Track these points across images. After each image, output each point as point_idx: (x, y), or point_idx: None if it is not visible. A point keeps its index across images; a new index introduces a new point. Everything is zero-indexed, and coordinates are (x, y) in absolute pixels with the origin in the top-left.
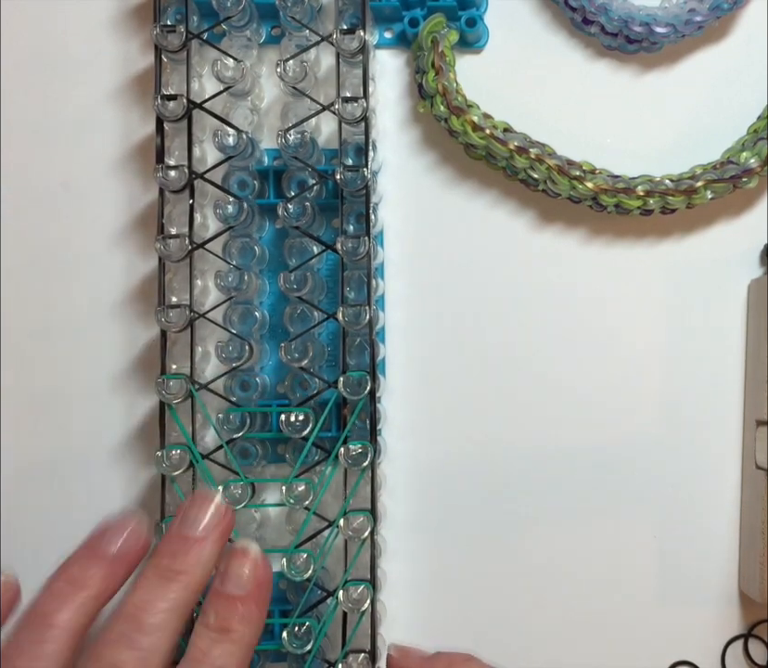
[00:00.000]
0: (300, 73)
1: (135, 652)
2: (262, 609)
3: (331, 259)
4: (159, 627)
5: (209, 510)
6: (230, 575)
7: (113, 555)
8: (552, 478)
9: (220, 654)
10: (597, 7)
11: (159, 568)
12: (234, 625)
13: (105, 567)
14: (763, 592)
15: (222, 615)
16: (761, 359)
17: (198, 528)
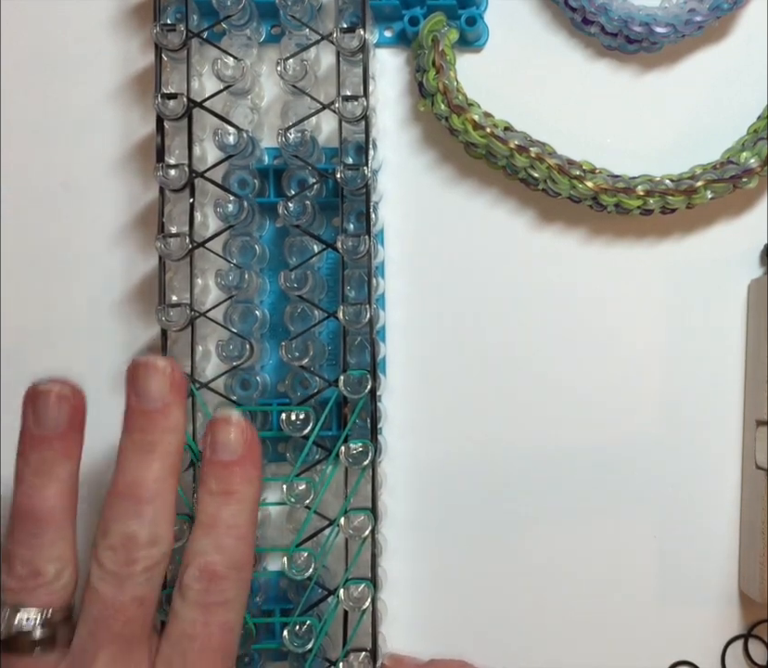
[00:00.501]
0: (301, 72)
1: (143, 521)
2: (258, 467)
3: (331, 258)
4: (156, 495)
5: (158, 378)
6: (219, 443)
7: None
8: (552, 477)
9: (230, 515)
10: (597, 7)
11: (134, 444)
12: (235, 487)
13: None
14: (763, 592)
15: (221, 480)
16: (761, 359)
17: (155, 398)
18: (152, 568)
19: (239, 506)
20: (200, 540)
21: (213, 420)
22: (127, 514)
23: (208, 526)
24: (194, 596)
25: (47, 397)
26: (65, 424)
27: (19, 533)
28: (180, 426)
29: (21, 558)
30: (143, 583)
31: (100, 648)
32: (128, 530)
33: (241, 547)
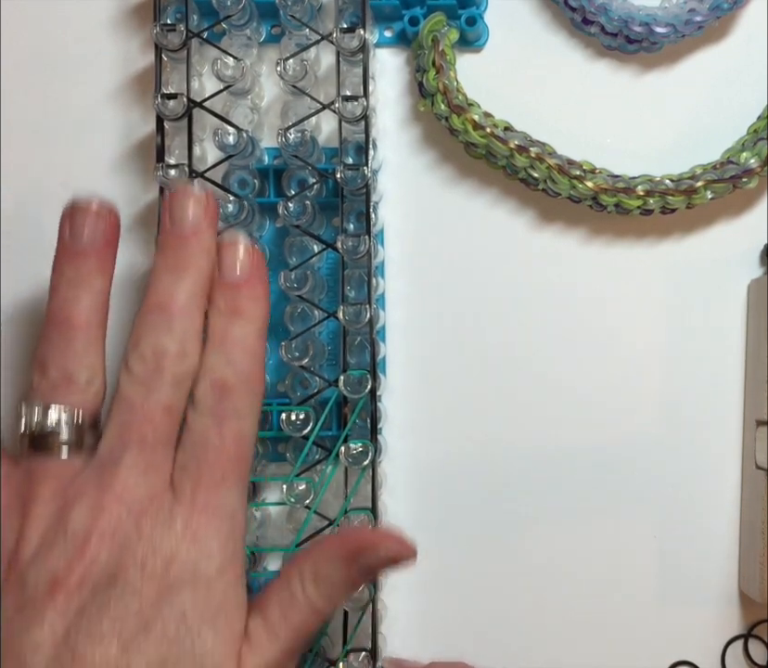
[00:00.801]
0: (301, 72)
1: (174, 334)
2: (266, 287)
3: (331, 258)
4: (186, 311)
5: (191, 204)
6: (227, 265)
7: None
8: (552, 477)
9: (239, 332)
10: (597, 7)
11: (167, 264)
12: (244, 305)
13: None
14: (763, 592)
15: (230, 299)
16: (761, 359)
17: (189, 224)
18: (180, 379)
19: (248, 323)
20: (210, 356)
21: (221, 243)
22: (158, 327)
23: (217, 343)
24: (206, 407)
25: (85, 213)
26: (101, 240)
27: (53, 339)
28: (212, 250)
29: (54, 362)
30: (170, 391)
31: (126, 451)
32: (158, 342)
33: (251, 362)
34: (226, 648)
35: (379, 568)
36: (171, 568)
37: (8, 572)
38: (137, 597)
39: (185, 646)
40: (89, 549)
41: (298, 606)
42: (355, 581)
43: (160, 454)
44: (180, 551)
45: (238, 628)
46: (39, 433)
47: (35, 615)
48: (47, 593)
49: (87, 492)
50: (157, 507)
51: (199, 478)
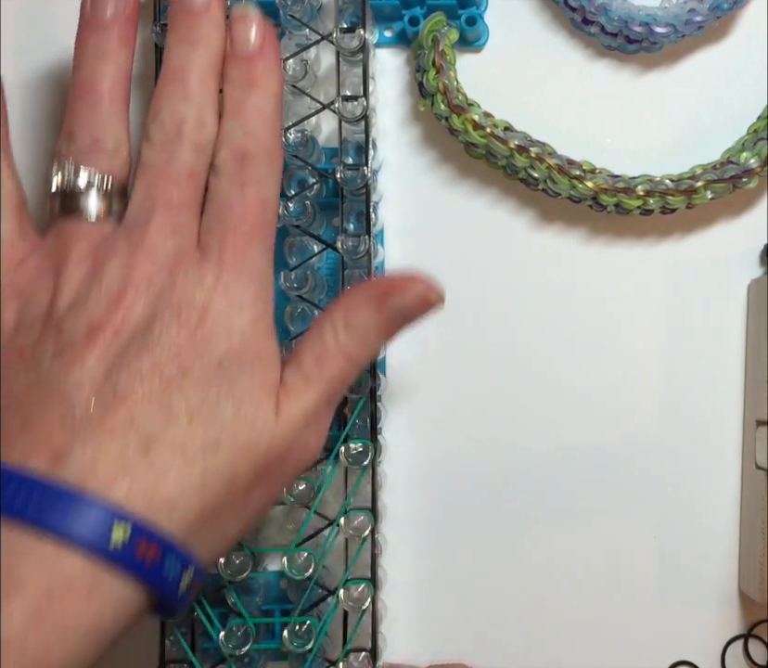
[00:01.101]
0: (300, 72)
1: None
2: (278, 59)
3: (331, 258)
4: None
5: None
6: (238, 39)
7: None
8: (552, 477)
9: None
10: (597, 7)
11: (179, 38)
12: (259, 76)
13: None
14: (763, 592)
15: (244, 70)
16: (761, 359)
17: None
18: (200, 146)
19: (264, 94)
20: (228, 126)
21: (232, 18)
22: (175, 97)
23: (235, 113)
24: (227, 174)
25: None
26: (123, 13)
27: (79, 109)
28: (222, 25)
29: (81, 130)
30: (192, 157)
31: (153, 213)
32: (176, 110)
33: (270, 132)
34: (263, 392)
35: (409, 311)
36: (205, 319)
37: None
38: (174, 342)
39: (223, 388)
40: (125, 299)
41: (331, 353)
42: (386, 327)
43: (185, 216)
44: (213, 303)
45: (274, 375)
46: (70, 193)
47: (74, 358)
48: (86, 338)
49: (119, 250)
50: (187, 264)
51: (225, 239)
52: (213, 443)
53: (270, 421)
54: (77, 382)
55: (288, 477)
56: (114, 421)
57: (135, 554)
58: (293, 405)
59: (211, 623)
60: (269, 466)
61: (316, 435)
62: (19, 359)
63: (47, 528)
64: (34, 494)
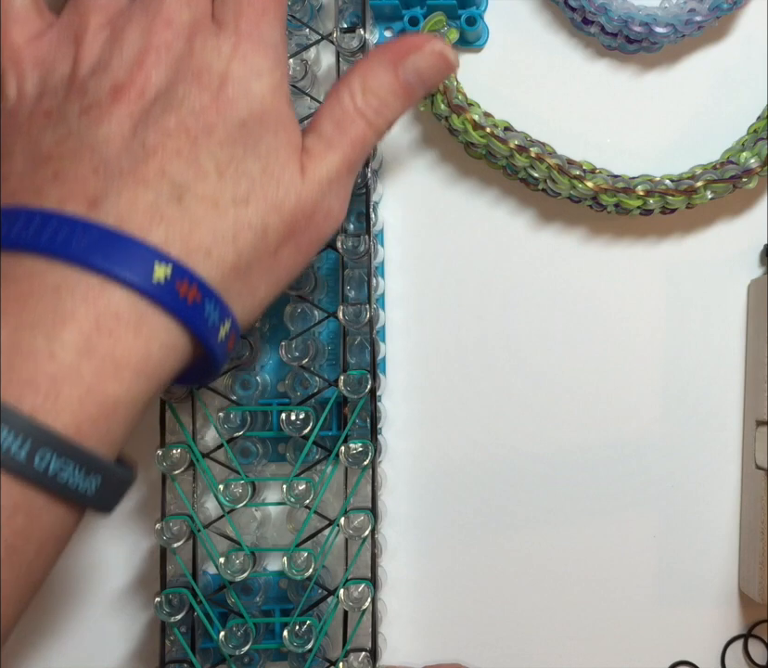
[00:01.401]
0: (301, 72)
1: None
2: None
3: (331, 258)
4: None
5: None
6: None
7: None
8: (552, 477)
9: None
10: (597, 7)
11: None
12: None
13: None
14: (763, 592)
15: None
16: (761, 359)
17: None
18: None
19: None
20: None
21: None
22: None
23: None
24: None
25: None
26: None
27: None
28: None
29: None
30: None
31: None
32: None
33: None
34: (288, 152)
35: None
36: (225, 83)
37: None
38: (197, 102)
39: (249, 145)
40: (146, 62)
41: (350, 117)
42: (404, 89)
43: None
44: (231, 70)
45: (296, 138)
46: None
47: (101, 115)
48: (111, 97)
49: (136, 20)
50: (204, 34)
51: (240, 9)
52: (243, 198)
53: (296, 180)
54: (106, 137)
55: (313, 239)
56: (146, 172)
57: (178, 292)
58: (317, 168)
59: (211, 623)
60: (296, 223)
61: (338, 200)
62: (46, 119)
63: (91, 265)
64: (76, 232)
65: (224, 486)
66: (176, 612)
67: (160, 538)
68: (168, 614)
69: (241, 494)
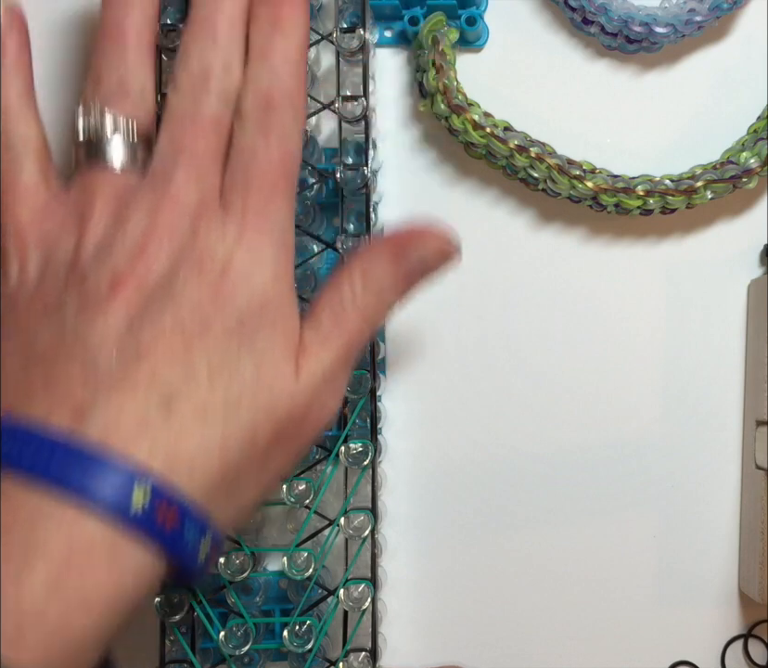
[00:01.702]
0: None
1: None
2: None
3: (332, 258)
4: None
5: None
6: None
7: None
8: (551, 477)
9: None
10: (597, 7)
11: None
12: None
13: None
14: (763, 592)
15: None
16: (761, 359)
17: None
18: (226, 93)
19: (290, 36)
20: (254, 69)
21: None
22: (203, 42)
23: (260, 55)
24: (252, 121)
25: None
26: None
27: (107, 51)
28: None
29: (108, 72)
30: (217, 105)
31: (178, 162)
32: (203, 56)
33: (295, 77)
34: (284, 351)
35: (427, 264)
36: (226, 273)
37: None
38: (196, 297)
39: (244, 346)
40: (148, 249)
41: (349, 313)
42: (404, 283)
43: (210, 165)
44: (234, 258)
45: (294, 334)
46: (96, 140)
47: (98, 310)
48: (109, 290)
49: (143, 200)
50: (210, 217)
51: (248, 191)
52: (234, 402)
53: (290, 381)
54: (100, 337)
55: (306, 439)
56: (136, 378)
57: (156, 518)
58: (312, 365)
59: (211, 623)
60: (288, 426)
61: (334, 395)
62: (44, 312)
63: (69, 489)
64: (56, 453)
65: None
66: (176, 612)
67: None
68: (168, 614)
69: None
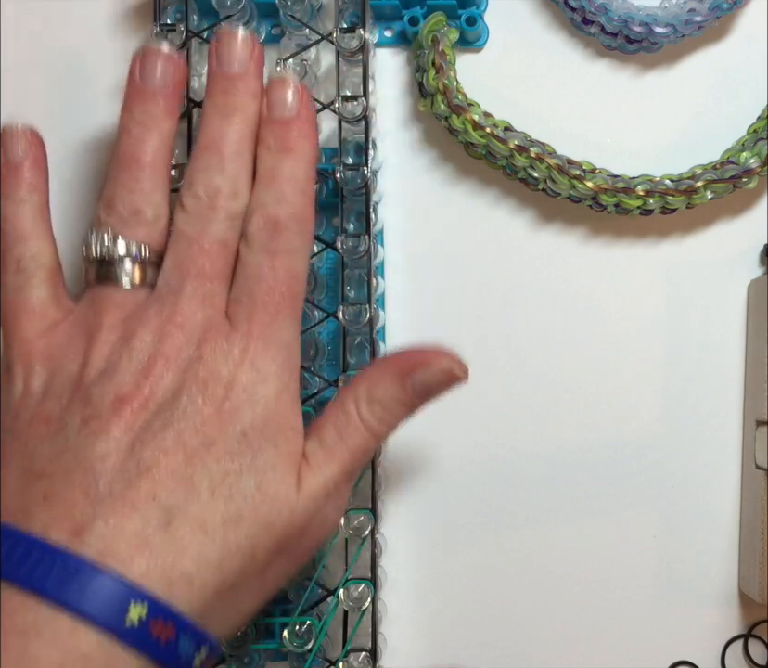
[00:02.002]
0: (300, 72)
1: (225, 175)
2: (314, 125)
3: (331, 258)
4: (237, 151)
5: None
6: (276, 103)
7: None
8: (552, 477)
9: (289, 169)
10: (597, 7)
11: (216, 107)
12: (293, 142)
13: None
14: (763, 592)
15: (279, 136)
16: (761, 359)
17: (236, 64)
18: (233, 216)
19: (298, 160)
20: (261, 193)
21: (270, 82)
22: (210, 168)
23: (268, 180)
24: (259, 243)
25: (156, 56)
26: (171, 82)
27: (121, 178)
28: (259, 94)
29: (122, 199)
30: (224, 227)
31: (184, 282)
32: (211, 181)
33: (302, 199)
34: (286, 466)
35: (432, 386)
36: (230, 392)
37: (74, 394)
38: (199, 415)
39: (246, 460)
40: (153, 370)
41: (353, 427)
42: (410, 401)
43: (216, 286)
44: (239, 376)
45: (297, 448)
46: (107, 262)
47: (101, 429)
48: (112, 409)
49: (150, 320)
50: (215, 336)
51: (254, 310)
52: (234, 518)
53: (291, 495)
54: (101, 454)
55: (305, 551)
56: (136, 496)
57: (151, 634)
58: (315, 479)
59: None
60: (289, 540)
61: (336, 509)
62: (46, 427)
63: (65, 603)
64: (54, 567)
65: None
66: None
67: None
68: None
69: None
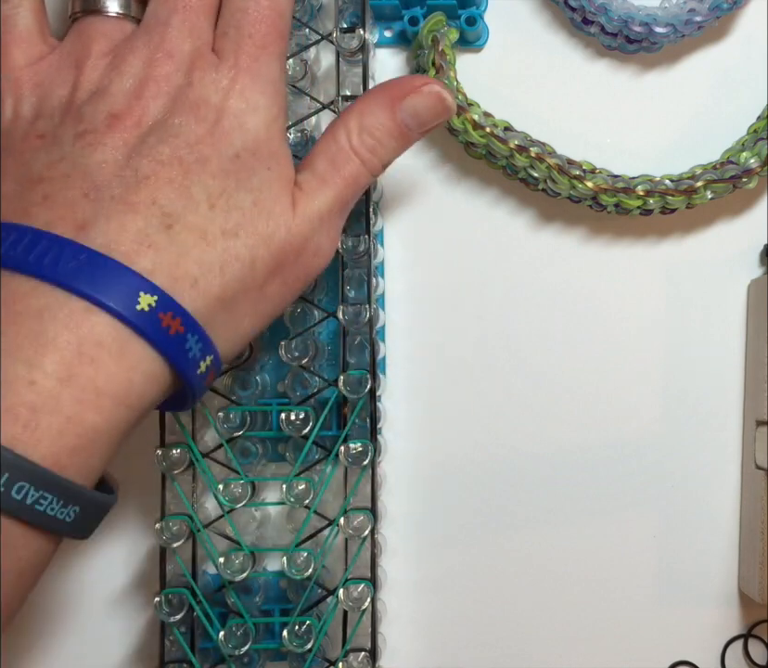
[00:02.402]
0: (300, 72)
1: None
2: None
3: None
4: None
5: None
6: None
7: None
8: (552, 477)
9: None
10: (597, 7)
11: None
12: None
13: None
14: (763, 592)
15: None
16: (761, 359)
17: None
18: None
19: None
20: None
21: None
22: None
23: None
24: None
25: None
26: None
27: None
28: None
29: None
30: None
31: (173, 15)
32: None
33: None
34: (280, 186)
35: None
36: (221, 117)
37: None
38: (193, 134)
39: (241, 180)
40: (145, 92)
41: (345, 156)
42: (400, 131)
43: (203, 19)
44: (229, 103)
45: (289, 173)
46: None
47: (96, 140)
48: (107, 124)
49: (139, 48)
50: (204, 66)
51: (241, 42)
52: (233, 230)
53: (287, 215)
54: (99, 162)
55: (300, 276)
56: (137, 199)
57: (161, 320)
58: (309, 204)
59: (211, 623)
60: (285, 258)
61: (328, 238)
62: (41, 141)
63: (76, 289)
64: (64, 254)
65: (224, 486)
66: (176, 612)
67: (159, 538)
68: (168, 614)
69: (241, 494)
